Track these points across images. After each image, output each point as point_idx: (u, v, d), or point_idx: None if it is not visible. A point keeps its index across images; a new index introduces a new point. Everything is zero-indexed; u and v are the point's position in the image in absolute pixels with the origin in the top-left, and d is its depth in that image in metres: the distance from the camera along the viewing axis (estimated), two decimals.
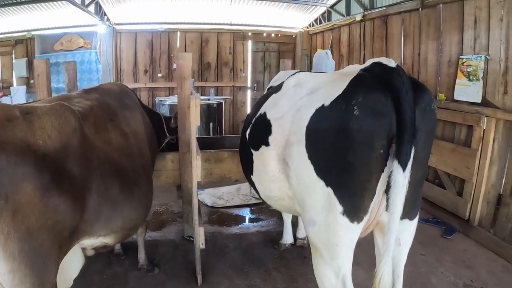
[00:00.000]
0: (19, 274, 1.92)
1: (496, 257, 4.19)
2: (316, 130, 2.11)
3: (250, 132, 2.86)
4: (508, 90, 4.29)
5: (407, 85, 1.89)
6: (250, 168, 2.84)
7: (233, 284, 3.64)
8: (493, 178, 4.45)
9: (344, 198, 2.02)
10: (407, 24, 5.99)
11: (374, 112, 1.92)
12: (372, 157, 1.95)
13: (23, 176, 1.93)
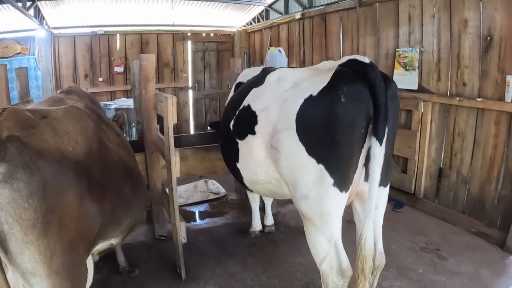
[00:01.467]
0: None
1: (443, 223, 4.83)
2: (306, 116, 2.44)
3: (234, 123, 3.12)
4: (441, 77, 4.92)
5: (379, 77, 2.31)
6: (236, 157, 3.11)
7: (214, 274, 3.79)
8: (433, 154, 5.09)
9: (334, 171, 2.37)
10: (345, 22, 6.52)
11: (356, 99, 2.31)
12: (355, 135, 2.34)
13: (66, 185, 1.89)
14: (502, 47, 4.23)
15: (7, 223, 1.66)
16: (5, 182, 1.64)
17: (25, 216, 1.68)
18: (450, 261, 3.97)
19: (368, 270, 2.41)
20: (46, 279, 1.79)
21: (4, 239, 1.68)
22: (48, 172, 1.78)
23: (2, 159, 1.66)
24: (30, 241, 1.71)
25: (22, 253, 1.71)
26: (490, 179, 4.43)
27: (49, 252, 1.79)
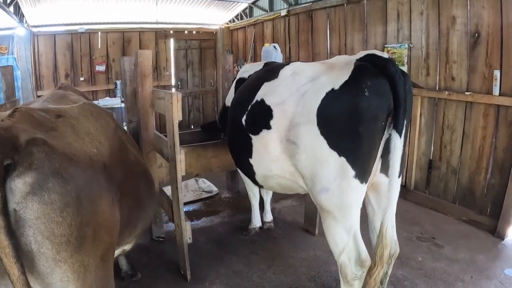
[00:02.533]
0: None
1: (434, 213, 5.00)
2: (328, 110, 2.48)
3: (247, 118, 3.10)
4: (430, 72, 5.08)
5: (399, 72, 2.37)
6: (249, 152, 3.09)
7: (219, 273, 3.78)
8: (423, 147, 5.25)
9: (356, 164, 2.43)
10: (332, 18, 6.62)
11: (379, 93, 2.36)
12: (377, 128, 2.40)
13: (99, 193, 1.71)
14: (489, 43, 4.39)
15: (35, 242, 1.45)
16: (33, 194, 1.42)
17: (58, 232, 1.49)
18: (446, 248, 4.12)
19: (386, 258, 2.49)
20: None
21: (32, 259, 1.47)
22: (81, 180, 1.59)
23: (29, 166, 1.44)
24: (62, 259, 1.52)
25: (53, 273, 1.52)
26: (479, 169, 4.61)
27: (83, 269, 1.61)
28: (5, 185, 1.38)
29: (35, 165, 1.44)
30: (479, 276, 3.62)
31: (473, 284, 3.51)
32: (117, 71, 9.08)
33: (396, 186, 2.43)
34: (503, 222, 4.31)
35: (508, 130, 4.28)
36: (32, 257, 1.47)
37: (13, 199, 1.40)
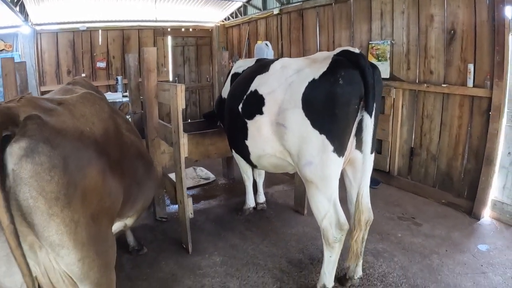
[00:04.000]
0: (88, 260, 1.94)
1: (416, 196, 5.42)
2: (310, 96, 2.90)
3: (243, 106, 3.53)
4: (411, 66, 5.49)
5: (368, 64, 2.82)
6: (245, 135, 3.52)
7: (217, 246, 4.18)
8: (405, 135, 5.66)
9: (334, 140, 2.84)
10: (321, 17, 7.02)
11: (351, 82, 2.79)
12: (351, 110, 2.82)
13: (88, 161, 1.96)
14: (464, 40, 4.81)
15: (31, 197, 1.69)
16: (27, 157, 1.67)
17: (48, 188, 1.72)
18: (425, 226, 4.54)
19: (363, 222, 2.90)
20: (73, 250, 1.85)
21: (30, 213, 1.71)
22: (68, 148, 1.84)
23: (23, 134, 1.69)
24: (55, 213, 1.75)
25: (49, 225, 1.75)
26: (456, 155, 5.02)
27: (74, 224, 1.83)
28: (4, 150, 1.64)
29: (28, 134, 1.70)
30: (453, 250, 4.02)
31: (447, 256, 3.90)
32: (117, 67, 9.44)
33: (369, 160, 2.86)
34: (478, 204, 4.72)
35: (481, 119, 4.69)
36: (30, 212, 1.71)
37: (11, 161, 1.65)
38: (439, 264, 3.76)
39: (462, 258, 3.87)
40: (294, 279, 3.56)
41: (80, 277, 1.94)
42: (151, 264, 3.88)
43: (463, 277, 3.54)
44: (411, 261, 3.82)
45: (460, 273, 3.60)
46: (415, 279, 3.52)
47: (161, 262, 3.90)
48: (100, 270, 2.01)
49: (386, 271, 3.66)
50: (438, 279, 3.51)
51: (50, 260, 1.88)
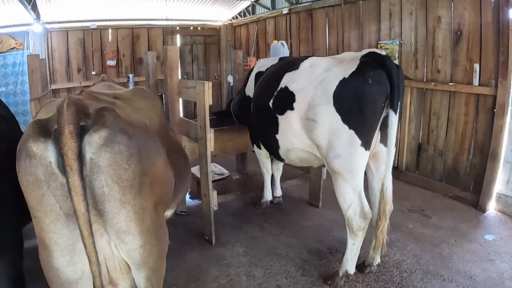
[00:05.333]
0: (149, 246, 1.99)
1: (423, 190, 5.68)
2: (341, 93, 3.13)
3: (273, 102, 3.75)
4: (419, 65, 5.72)
5: (394, 65, 3.05)
6: (275, 129, 3.74)
7: (239, 238, 4.41)
8: (413, 132, 5.90)
9: (362, 135, 3.08)
10: (330, 17, 7.24)
11: (379, 81, 3.02)
12: (378, 108, 3.05)
13: (155, 151, 2.05)
14: (470, 40, 5.04)
15: (107, 185, 1.75)
16: (106, 146, 1.73)
17: (125, 177, 1.78)
18: (434, 218, 4.79)
19: (388, 212, 3.16)
20: (138, 236, 1.91)
21: (103, 201, 1.77)
22: (140, 139, 1.91)
23: (103, 124, 1.75)
24: (127, 201, 1.81)
25: (119, 213, 1.81)
26: (462, 151, 5.27)
27: (142, 211, 1.90)
28: (82, 140, 1.70)
29: (107, 124, 1.76)
30: (461, 240, 4.27)
31: (456, 245, 4.15)
32: (127, 65, 9.60)
33: (393, 154, 3.10)
34: (484, 197, 4.97)
35: (486, 116, 4.93)
36: (103, 200, 1.77)
37: (90, 150, 1.71)
38: (449, 253, 4.00)
39: (470, 247, 4.12)
40: (315, 267, 3.79)
41: (139, 263, 1.99)
42: (176, 255, 4.07)
43: (472, 264, 3.78)
44: (423, 250, 4.07)
45: (469, 261, 3.84)
46: (428, 266, 3.76)
47: (185, 254, 4.10)
48: (157, 256, 2.08)
49: (400, 259, 3.90)
50: (449, 266, 3.75)
51: (111, 247, 1.92)
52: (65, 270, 1.84)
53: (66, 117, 1.62)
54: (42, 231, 1.77)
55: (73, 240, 1.79)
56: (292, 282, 3.57)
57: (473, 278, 3.56)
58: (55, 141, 1.67)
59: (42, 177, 1.68)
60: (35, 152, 1.67)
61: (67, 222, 1.75)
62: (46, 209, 1.72)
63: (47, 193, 1.70)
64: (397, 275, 3.64)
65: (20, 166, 1.70)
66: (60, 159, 1.66)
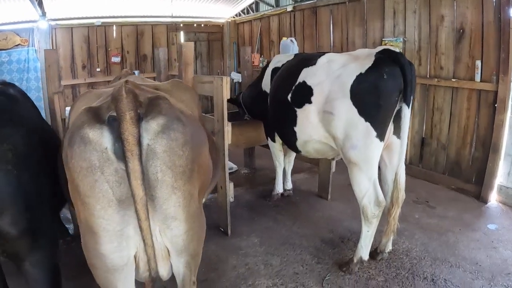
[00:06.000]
0: (192, 232, 2.00)
1: (427, 183, 5.90)
2: (358, 87, 3.31)
3: (292, 96, 3.91)
4: (422, 62, 5.92)
5: (407, 62, 3.23)
6: (294, 122, 3.91)
7: (253, 229, 4.58)
8: (416, 126, 6.10)
9: (377, 127, 3.26)
10: (335, 15, 7.41)
11: (394, 77, 3.20)
12: (392, 101, 3.24)
13: (203, 139, 2.11)
14: (472, 38, 5.23)
15: (161, 171, 1.77)
16: (163, 133, 1.76)
17: (178, 163, 1.81)
18: (438, 209, 5.00)
19: (400, 200, 3.36)
20: (183, 222, 1.93)
21: (155, 187, 1.79)
22: (192, 127, 1.96)
23: (159, 112, 1.79)
24: (178, 187, 1.84)
25: (169, 198, 1.84)
26: (464, 144, 5.48)
27: (190, 197, 1.92)
28: (140, 126, 1.73)
29: (163, 112, 1.80)
30: (466, 229, 4.48)
31: (461, 234, 4.36)
32: (131, 62, 9.71)
33: (405, 145, 3.33)
34: (486, 188, 5.19)
35: (488, 111, 5.14)
36: (156, 185, 1.79)
37: (147, 136, 1.74)
38: (455, 241, 4.21)
39: (474, 235, 4.33)
40: (329, 255, 3.98)
41: (181, 248, 2.00)
42: None
43: (477, 251, 3.98)
44: (430, 238, 4.27)
45: (474, 248, 4.05)
46: (435, 253, 3.96)
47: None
48: (197, 242, 2.11)
49: (409, 247, 4.11)
50: (456, 253, 3.96)
51: (155, 233, 1.91)
52: (112, 256, 1.85)
53: (126, 103, 1.67)
54: (92, 217, 1.78)
55: (121, 226, 1.81)
56: (308, 269, 3.76)
57: (479, 264, 3.76)
58: (110, 127, 1.71)
59: (97, 162, 1.70)
60: (91, 138, 1.69)
61: (118, 208, 1.77)
62: (98, 195, 1.73)
63: (101, 178, 1.71)
64: (407, 261, 3.83)
65: (73, 152, 1.71)
66: (116, 145, 1.70)
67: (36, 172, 2.23)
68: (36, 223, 2.21)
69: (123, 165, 1.70)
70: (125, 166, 1.68)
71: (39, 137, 2.43)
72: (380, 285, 3.48)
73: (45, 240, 2.34)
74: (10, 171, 2.03)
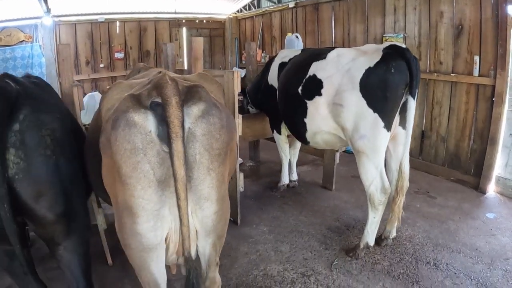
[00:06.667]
0: (220, 213, 2.08)
1: (427, 174, 6.10)
2: (367, 80, 3.50)
3: (302, 88, 4.09)
4: (422, 57, 6.09)
5: (413, 57, 3.42)
6: (304, 114, 4.09)
7: (262, 218, 4.76)
8: (417, 119, 6.27)
9: (384, 118, 3.45)
10: (337, 11, 7.58)
11: (400, 71, 3.40)
12: (399, 94, 3.44)
13: (234, 126, 2.22)
14: (471, 34, 5.42)
15: (199, 153, 1.88)
16: (202, 117, 1.88)
17: (215, 146, 1.92)
18: (439, 199, 5.20)
19: (405, 188, 3.55)
20: (215, 203, 2.02)
21: (192, 168, 1.88)
22: (226, 113, 2.07)
23: (200, 99, 1.92)
24: (213, 168, 1.94)
25: (205, 179, 1.93)
26: (463, 137, 5.67)
27: (222, 179, 2.03)
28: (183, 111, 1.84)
29: (203, 98, 1.93)
30: (466, 217, 4.69)
31: (461, 222, 4.56)
32: (135, 58, 9.81)
33: (410, 135, 3.52)
34: (484, 180, 5.39)
35: (486, 105, 5.33)
36: (193, 166, 1.89)
37: (189, 120, 1.86)
38: (455, 228, 4.41)
39: (474, 223, 4.53)
40: (336, 242, 4.17)
41: (210, 229, 2.08)
42: None
43: (477, 238, 4.18)
44: (431, 226, 4.47)
45: (473, 235, 4.25)
46: (437, 240, 4.16)
47: None
48: (224, 223, 2.19)
49: (412, 234, 4.30)
50: (456, 240, 4.16)
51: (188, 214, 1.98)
52: (148, 235, 1.93)
53: (171, 90, 1.80)
54: (131, 197, 1.86)
55: (159, 206, 1.90)
56: (316, 255, 3.95)
57: (479, 250, 3.96)
58: (154, 112, 1.83)
59: (140, 145, 1.79)
60: (136, 121, 1.80)
61: (157, 188, 1.86)
62: (140, 175, 1.82)
63: (143, 160, 1.80)
64: (410, 247, 4.03)
65: (118, 135, 1.80)
66: (160, 128, 1.81)
67: (70, 158, 2.34)
68: (71, 208, 2.33)
69: (166, 147, 1.82)
70: (168, 148, 1.79)
71: (69, 125, 2.56)
72: (386, 269, 3.67)
73: (79, 225, 2.46)
74: (49, 156, 2.15)
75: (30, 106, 2.12)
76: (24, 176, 2.04)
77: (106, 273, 2.65)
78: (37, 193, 2.10)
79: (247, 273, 3.69)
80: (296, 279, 3.57)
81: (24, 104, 2.09)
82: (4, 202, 1.88)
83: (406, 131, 3.53)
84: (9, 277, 2.70)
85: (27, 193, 2.06)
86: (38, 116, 2.14)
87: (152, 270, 2.07)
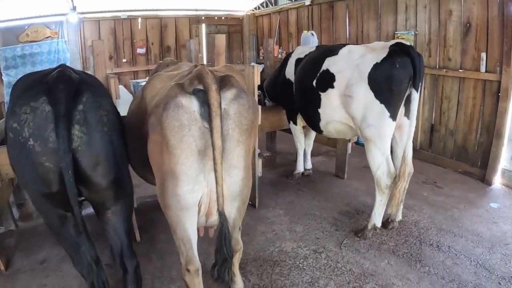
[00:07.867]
0: (245, 180, 2.53)
1: (436, 166, 6.38)
2: (374, 74, 3.83)
3: (317, 82, 4.43)
4: (431, 54, 6.36)
5: (416, 53, 3.73)
6: (318, 104, 4.44)
7: (278, 202, 5.13)
8: (426, 114, 6.57)
9: (390, 108, 3.78)
10: (351, 9, 7.86)
11: (405, 66, 3.71)
12: (403, 87, 3.76)
13: (257, 107, 2.79)
14: (478, 32, 5.64)
15: (231, 128, 2.32)
16: (234, 100, 2.33)
17: (244, 122, 2.36)
18: (445, 189, 5.48)
19: (407, 174, 3.88)
20: (242, 170, 2.46)
21: (225, 140, 2.30)
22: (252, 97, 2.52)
23: (232, 85, 2.36)
24: (242, 140, 2.38)
25: (235, 150, 2.37)
26: (471, 130, 5.93)
27: (248, 150, 2.45)
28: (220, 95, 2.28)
29: (234, 85, 2.37)
30: (470, 206, 4.96)
31: (465, 210, 4.84)
32: (156, 53, 10.19)
33: (414, 125, 3.83)
34: (490, 172, 5.63)
35: (492, 99, 5.57)
36: (226, 139, 2.32)
37: (224, 102, 2.30)
38: (459, 216, 4.70)
39: (477, 212, 4.80)
40: (346, 224, 4.52)
41: (236, 194, 2.52)
42: None
43: (479, 225, 4.47)
44: (437, 212, 4.77)
45: (476, 222, 4.53)
46: (441, 225, 4.46)
47: None
48: (248, 189, 2.62)
49: (418, 219, 4.61)
50: (459, 226, 4.45)
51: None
52: (187, 196, 2.37)
53: (211, 79, 2.26)
54: (176, 165, 2.29)
55: (198, 172, 2.34)
56: (328, 235, 4.30)
57: (480, 235, 4.24)
58: (196, 96, 2.26)
59: (186, 122, 2.24)
60: (183, 103, 2.24)
61: (197, 157, 2.30)
62: (184, 146, 2.26)
63: (188, 134, 2.25)
64: (415, 231, 4.34)
65: (168, 114, 2.23)
66: (202, 108, 2.25)
67: (120, 135, 2.76)
68: (120, 177, 2.73)
69: (206, 124, 2.25)
70: (208, 124, 2.23)
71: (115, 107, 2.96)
72: (391, 249, 4.01)
73: (125, 192, 2.86)
74: (105, 132, 2.55)
75: (90, 91, 2.52)
76: (85, 148, 2.43)
77: (135, 249, 3.05)
78: (95, 162, 2.49)
79: (264, 249, 4.06)
80: (308, 255, 3.93)
81: (85, 89, 2.49)
82: (69, 169, 2.26)
83: (410, 121, 3.84)
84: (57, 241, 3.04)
85: (86, 162, 2.45)
86: (97, 99, 2.54)
87: (187, 227, 2.50)
